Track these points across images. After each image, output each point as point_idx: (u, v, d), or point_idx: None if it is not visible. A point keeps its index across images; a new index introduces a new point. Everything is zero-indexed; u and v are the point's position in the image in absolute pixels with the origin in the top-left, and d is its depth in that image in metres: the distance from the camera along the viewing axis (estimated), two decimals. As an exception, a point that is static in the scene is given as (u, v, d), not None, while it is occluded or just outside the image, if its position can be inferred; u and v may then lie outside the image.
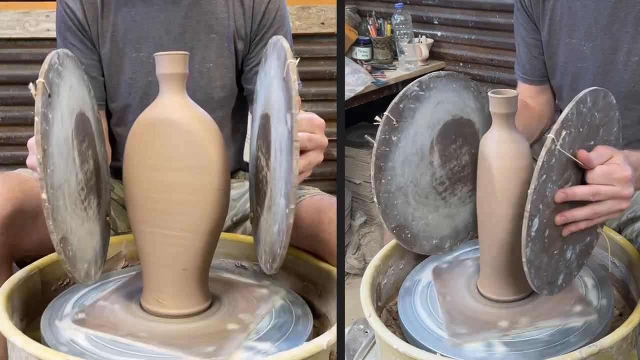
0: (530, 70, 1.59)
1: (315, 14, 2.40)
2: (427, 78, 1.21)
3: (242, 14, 1.55)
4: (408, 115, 1.20)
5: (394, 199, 1.22)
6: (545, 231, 1.08)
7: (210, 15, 1.53)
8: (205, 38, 1.53)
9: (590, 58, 1.47)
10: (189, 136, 1.12)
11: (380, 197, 1.21)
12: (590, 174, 1.09)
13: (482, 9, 2.82)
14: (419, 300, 1.26)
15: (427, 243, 1.29)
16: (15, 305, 1.17)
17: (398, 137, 1.19)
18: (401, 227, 1.24)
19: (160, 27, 1.51)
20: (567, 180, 1.08)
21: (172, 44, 1.51)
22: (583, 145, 1.09)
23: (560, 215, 1.08)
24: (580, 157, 1.08)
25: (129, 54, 1.51)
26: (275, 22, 1.57)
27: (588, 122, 1.10)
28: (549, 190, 1.06)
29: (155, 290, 1.17)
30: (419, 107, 1.21)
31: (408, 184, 1.23)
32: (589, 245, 1.19)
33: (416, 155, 1.23)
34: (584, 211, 1.09)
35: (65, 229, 1.05)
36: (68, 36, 1.51)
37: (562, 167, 1.07)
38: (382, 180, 1.20)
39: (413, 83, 1.21)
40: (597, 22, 1.44)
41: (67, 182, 1.07)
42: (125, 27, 1.50)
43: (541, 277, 1.11)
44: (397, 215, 1.23)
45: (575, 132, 1.07)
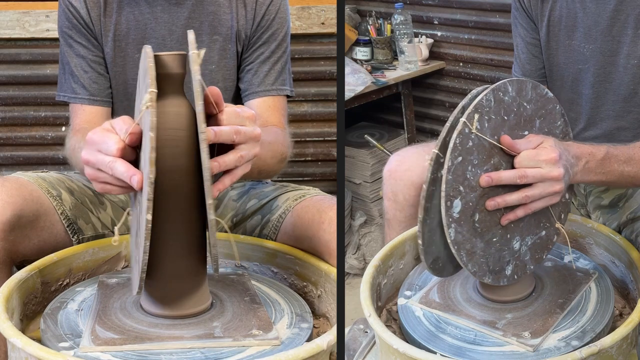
0: (530, 70, 1.59)
1: (315, 14, 2.40)
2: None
3: (244, 16, 1.54)
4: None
5: (434, 235, 1.15)
6: (475, 215, 1.08)
7: (214, 17, 1.52)
8: (208, 39, 1.52)
9: (590, 60, 1.47)
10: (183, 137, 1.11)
11: (424, 237, 1.13)
12: (517, 158, 1.10)
13: (482, 9, 2.82)
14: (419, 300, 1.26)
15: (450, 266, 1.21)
16: (15, 305, 1.17)
17: (441, 173, 1.11)
18: (436, 259, 1.17)
19: (163, 28, 1.50)
20: (497, 167, 1.09)
21: (175, 45, 1.50)
22: (513, 134, 1.10)
23: (490, 200, 1.09)
24: (503, 142, 1.09)
25: (132, 55, 1.51)
26: (273, 23, 1.56)
27: (516, 112, 1.11)
28: (470, 173, 1.06)
29: (156, 290, 1.17)
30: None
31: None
32: (546, 240, 1.19)
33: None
34: (515, 196, 1.10)
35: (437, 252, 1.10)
36: (73, 34, 1.50)
37: (486, 152, 1.08)
38: (427, 220, 1.13)
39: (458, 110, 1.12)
40: (597, 24, 1.44)
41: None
42: (128, 27, 1.50)
43: (478, 263, 1.11)
44: (434, 250, 1.17)
45: (497, 118, 1.08)
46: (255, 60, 1.55)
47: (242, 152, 1.06)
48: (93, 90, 1.50)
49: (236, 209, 1.55)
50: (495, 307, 1.22)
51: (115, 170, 1.03)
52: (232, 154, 1.06)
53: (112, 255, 1.39)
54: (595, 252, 1.40)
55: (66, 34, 1.51)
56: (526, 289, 1.24)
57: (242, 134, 1.06)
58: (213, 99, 1.05)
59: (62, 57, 1.54)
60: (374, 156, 2.84)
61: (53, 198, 1.39)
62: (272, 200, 1.51)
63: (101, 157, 1.05)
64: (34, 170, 1.50)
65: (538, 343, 1.11)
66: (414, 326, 1.20)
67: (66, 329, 1.13)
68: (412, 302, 1.26)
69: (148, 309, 1.15)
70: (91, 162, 1.06)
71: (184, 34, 1.50)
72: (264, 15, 1.55)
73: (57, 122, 2.43)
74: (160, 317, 1.14)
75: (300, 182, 1.86)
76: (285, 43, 1.58)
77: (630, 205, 1.46)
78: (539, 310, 1.20)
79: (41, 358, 1.00)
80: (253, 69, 1.55)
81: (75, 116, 1.53)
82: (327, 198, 1.44)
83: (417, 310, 1.24)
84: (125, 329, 1.11)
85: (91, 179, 1.08)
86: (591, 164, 1.20)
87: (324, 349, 1.04)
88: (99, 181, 1.08)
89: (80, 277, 1.34)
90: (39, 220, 1.34)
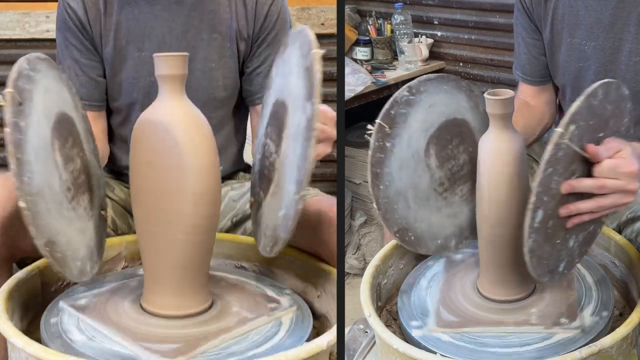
0: (530, 70, 1.59)
1: (315, 15, 2.40)
2: (417, 82, 1.23)
3: (244, 15, 1.55)
4: (400, 121, 1.21)
5: (394, 203, 1.23)
6: (549, 222, 1.08)
7: (213, 15, 1.53)
8: (207, 37, 1.52)
9: (592, 57, 1.47)
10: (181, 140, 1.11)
11: (380, 202, 1.22)
12: (597, 168, 1.09)
13: (482, 9, 2.82)
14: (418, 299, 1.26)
15: (432, 244, 1.30)
16: (15, 305, 1.17)
17: (392, 143, 1.20)
18: (403, 230, 1.25)
19: (163, 26, 1.51)
20: (573, 173, 1.08)
21: (175, 43, 1.51)
22: (592, 137, 1.09)
23: (564, 208, 1.09)
24: (588, 151, 1.08)
25: (132, 53, 1.51)
26: (277, 24, 1.57)
27: (599, 114, 1.10)
28: (554, 182, 1.06)
29: (157, 290, 1.17)
30: (410, 111, 1.22)
31: (407, 188, 1.24)
32: (593, 234, 1.19)
33: (412, 160, 1.24)
34: (589, 204, 1.09)
35: (50, 232, 1.05)
36: (68, 36, 1.51)
37: (569, 160, 1.07)
38: (380, 186, 1.21)
39: (402, 88, 1.22)
40: (599, 21, 1.44)
41: (49, 186, 1.07)
42: (129, 25, 1.50)
43: (542, 266, 1.11)
44: (398, 219, 1.24)
45: (584, 125, 1.07)
46: (264, 62, 1.57)
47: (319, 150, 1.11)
48: (82, 94, 1.49)
49: (236, 209, 1.55)
50: (514, 307, 1.22)
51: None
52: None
53: (112, 255, 1.39)
54: (595, 252, 1.40)
55: (62, 35, 1.52)
56: (531, 283, 1.24)
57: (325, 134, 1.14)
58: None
59: (57, 56, 1.55)
60: (374, 156, 2.84)
61: (53, 196, 1.39)
62: (272, 201, 1.51)
63: None
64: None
65: (580, 324, 1.13)
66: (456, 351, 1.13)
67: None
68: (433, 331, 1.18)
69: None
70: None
71: (183, 32, 1.51)
72: (266, 16, 1.55)
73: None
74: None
75: (300, 182, 1.85)
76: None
77: (630, 205, 1.46)
78: (556, 297, 1.21)
79: (41, 358, 1.00)
80: (263, 72, 1.56)
81: None
82: (327, 199, 1.44)
83: (444, 336, 1.17)
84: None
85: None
86: None
87: (324, 349, 1.04)
88: None
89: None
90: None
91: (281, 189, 1.12)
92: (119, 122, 1.59)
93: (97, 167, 1.26)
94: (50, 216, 1.06)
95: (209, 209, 1.14)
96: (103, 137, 1.56)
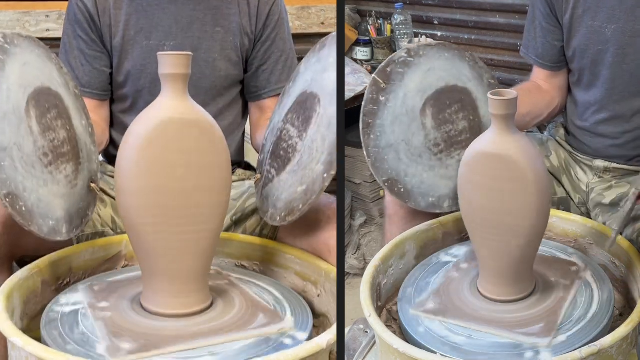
0: (544, 54, 1.62)
1: (315, 14, 2.40)
2: (416, 46, 1.30)
3: (247, 13, 1.62)
4: (396, 79, 1.29)
5: (384, 154, 1.30)
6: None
7: (217, 11, 1.60)
8: (211, 30, 1.60)
9: (611, 40, 1.49)
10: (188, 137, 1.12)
11: (370, 151, 1.30)
12: None
13: (482, 9, 2.81)
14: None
15: (422, 200, 1.35)
16: (15, 305, 1.17)
17: (387, 98, 1.28)
18: (393, 181, 1.32)
19: (170, 17, 1.58)
20: None
21: (181, 34, 1.58)
22: None
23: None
24: None
25: (140, 42, 1.58)
26: (278, 24, 1.65)
27: None
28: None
29: (157, 289, 1.17)
30: (407, 72, 1.29)
31: (399, 142, 1.31)
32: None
33: (407, 116, 1.31)
34: None
35: (13, 186, 1.13)
36: (76, 28, 1.58)
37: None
38: (371, 135, 1.29)
39: (401, 50, 1.31)
40: (621, 3, 1.47)
41: (18, 146, 1.15)
42: (138, 16, 1.57)
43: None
44: (388, 170, 1.31)
45: None
46: (269, 59, 1.65)
47: None
48: (84, 82, 1.58)
49: (236, 208, 1.55)
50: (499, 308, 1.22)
51: None
52: None
53: (112, 255, 1.39)
54: (595, 252, 1.40)
55: (71, 27, 1.60)
56: (528, 287, 1.24)
57: None
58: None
59: (64, 44, 1.62)
60: (374, 156, 2.84)
61: (54, 195, 1.40)
62: (272, 200, 1.51)
63: None
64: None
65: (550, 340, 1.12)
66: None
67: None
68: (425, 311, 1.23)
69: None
70: None
71: (188, 23, 1.59)
72: (268, 15, 1.63)
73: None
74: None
75: (301, 182, 1.86)
76: (289, 41, 1.68)
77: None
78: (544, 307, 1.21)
79: (41, 358, 1.00)
80: (269, 69, 1.65)
81: None
82: (326, 198, 1.44)
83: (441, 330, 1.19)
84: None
85: None
86: None
87: (324, 348, 1.04)
88: None
89: (80, 276, 1.34)
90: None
91: (304, 168, 1.22)
92: (124, 109, 1.64)
93: (89, 143, 1.36)
94: (16, 172, 1.14)
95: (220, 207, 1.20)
96: (105, 125, 1.62)
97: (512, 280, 1.22)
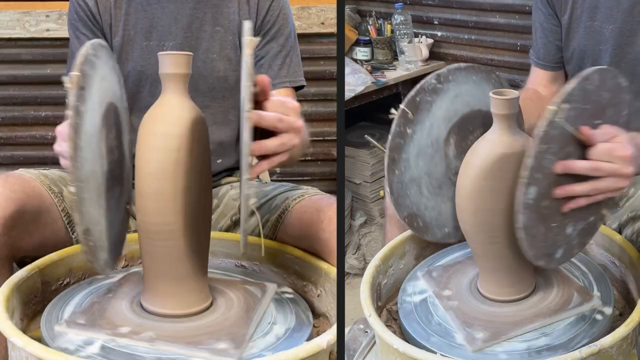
0: (544, 54, 1.62)
1: (315, 14, 2.40)
2: (446, 70, 1.21)
3: (247, 10, 1.60)
4: (424, 108, 1.21)
5: (407, 189, 1.23)
6: (543, 201, 1.09)
7: (217, 9, 1.58)
8: (210, 30, 1.57)
9: (610, 41, 1.49)
10: (149, 136, 1.12)
11: (393, 187, 1.22)
12: (592, 150, 1.10)
13: (482, 9, 2.82)
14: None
15: (438, 231, 1.30)
16: (15, 305, 1.17)
17: (413, 130, 1.20)
18: (413, 216, 1.25)
19: (170, 17, 1.56)
20: (569, 155, 1.10)
21: (180, 33, 1.56)
22: (588, 122, 1.10)
23: (559, 189, 1.10)
24: (583, 133, 1.09)
25: (139, 42, 1.56)
26: (278, 20, 1.61)
27: (594, 101, 1.11)
28: (547, 161, 1.07)
29: (157, 289, 1.17)
30: (435, 100, 1.21)
31: (422, 175, 1.24)
32: (593, 226, 1.20)
33: (431, 148, 1.23)
34: (584, 187, 1.11)
35: (89, 220, 1.05)
36: (79, 26, 1.57)
37: (564, 141, 1.08)
38: (396, 171, 1.21)
39: (431, 76, 1.21)
40: (619, 3, 1.47)
41: (94, 174, 1.07)
42: (137, 16, 1.56)
43: (537, 247, 1.12)
44: (409, 205, 1.25)
45: (579, 108, 1.08)
46: (266, 55, 1.61)
47: (283, 139, 1.09)
48: None
49: (236, 207, 1.55)
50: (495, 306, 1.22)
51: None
52: (274, 140, 1.08)
53: (112, 255, 1.39)
54: (595, 252, 1.40)
55: (74, 26, 1.58)
56: (528, 287, 1.24)
57: (285, 123, 1.09)
58: (260, 87, 1.07)
59: (70, 48, 1.60)
60: (374, 156, 2.84)
61: (55, 195, 1.40)
62: (272, 200, 1.51)
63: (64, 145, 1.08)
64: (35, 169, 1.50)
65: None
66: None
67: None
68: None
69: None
70: (60, 152, 1.11)
71: (188, 23, 1.57)
72: (268, 11, 1.60)
73: (57, 121, 2.38)
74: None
75: (300, 181, 1.86)
76: (291, 37, 1.64)
77: (631, 205, 1.46)
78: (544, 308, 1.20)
79: (41, 358, 1.00)
80: (266, 64, 1.61)
81: None
82: (326, 197, 1.44)
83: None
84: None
85: (65, 167, 1.10)
86: None
87: (324, 348, 1.04)
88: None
89: (80, 277, 1.34)
90: (40, 216, 1.35)
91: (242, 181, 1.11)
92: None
93: (129, 160, 1.25)
94: (91, 204, 1.06)
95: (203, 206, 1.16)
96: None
97: (512, 281, 1.22)
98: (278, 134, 1.09)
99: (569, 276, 1.28)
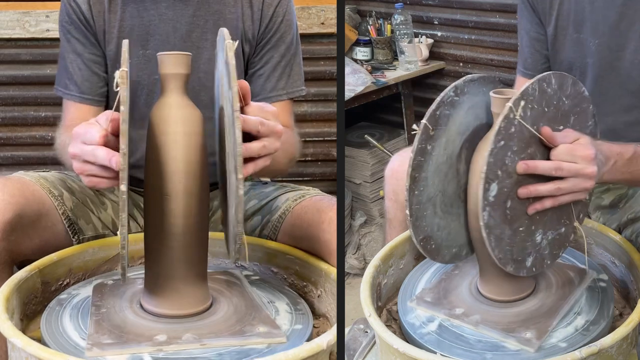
0: (532, 64, 1.59)
1: (315, 14, 2.40)
2: (462, 82, 1.18)
3: (250, 16, 1.53)
4: (442, 123, 1.16)
5: (424, 210, 1.18)
6: (507, 202, 1.10)
7: (219, 15, 1.52)
8: (212, 38, 1.50)
9: (596, 55, 1.47)
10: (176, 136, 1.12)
11: (413, 209, 1.16)
12: (554, 151, 1.12)
13: (482, 9, 2.82)
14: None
15: (447, 252, 1.25)
16: (15, 305, 1.17)
17: (432, 146, 1.15)
18: (427, 238, 1.20)
19: (168, 25, 1.49)
20: (532, 157, 1.11)
21: (179, 43, 1.49)
22: (551, 127, 1.12)
23: (523, 188, 1.11)
24: (543, 133, 1.10)
25: (135, 51, 1.49)
26: (282, 26, 1.55)
27: (555, 105, 1.12)
28: (508, 159, 1.08)
29: (157, 289, 1.17)
30: (452, 113, 1.17)
31: (437, 193, 1.20)
32: (564, 237, 1.20)
33: (445, 164, 1.19)
34: (548, 187, 1.11)
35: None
36: (72, 30, 1.50)
37: (525, 141, 1.09)
38: (415, 191, 1.16)
39: (449, 88, 1.17)
40: (605, 18, 1.44)
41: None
42: (132, 23, 1.49)
43: (504, 250, 1.12)
44: (425, 227, 1.19)
45: (538, 109, 1.10)
46: (266, 65, 1.55)
47: (265, 142, 1.10)
48: (84, 88, 1.50)
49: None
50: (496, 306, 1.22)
51: (97, 156, 1.05)
52: (257, 142, 1.09)
53: (112, 255, 1.39)
54: (595, 252, 1.40)
55: (65, 28, 1.51)
56: (527, 288, 1.24)
57: (267, 127, 1.10)
58: (241, 92, 1.07)
59: (60, 50, 1.54)
60: (374, 156, 2.84)
61: (54, 198, 1.39)
62: (272, 201, 1.51)
63: (84, 147, 1.07)
64: (35, 170, 1.50)
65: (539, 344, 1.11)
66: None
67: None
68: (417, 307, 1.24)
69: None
70: (77, 154, 1.09)
71: (187, 32, 1.50)
72: (271, 17, 1.54)
73: (57, 122, 2.39)
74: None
75: (300, 182, 1.86)
76: (293, 45, 1.58)
77: (630, 206, 1.46)
78: (540, 310, 1.20)
79: (41, 358, 1.00)
80: (265, 74, 1.55)
81: (67, 112, 1.55)
82: (326, 198, 1.44)
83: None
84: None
85: (79, 172, 1.10)
86: (619, 164, 1.21)
87: (324, 349, 1.04)
88: (85, 174, 1.09)
89: (80, 277, 1.34)
90: (40, 220, 1.34)
91: (229, 184, 1.09)
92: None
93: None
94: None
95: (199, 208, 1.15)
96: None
97: (512, 280, 1.22)
98: (259, 138, 1.10)
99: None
